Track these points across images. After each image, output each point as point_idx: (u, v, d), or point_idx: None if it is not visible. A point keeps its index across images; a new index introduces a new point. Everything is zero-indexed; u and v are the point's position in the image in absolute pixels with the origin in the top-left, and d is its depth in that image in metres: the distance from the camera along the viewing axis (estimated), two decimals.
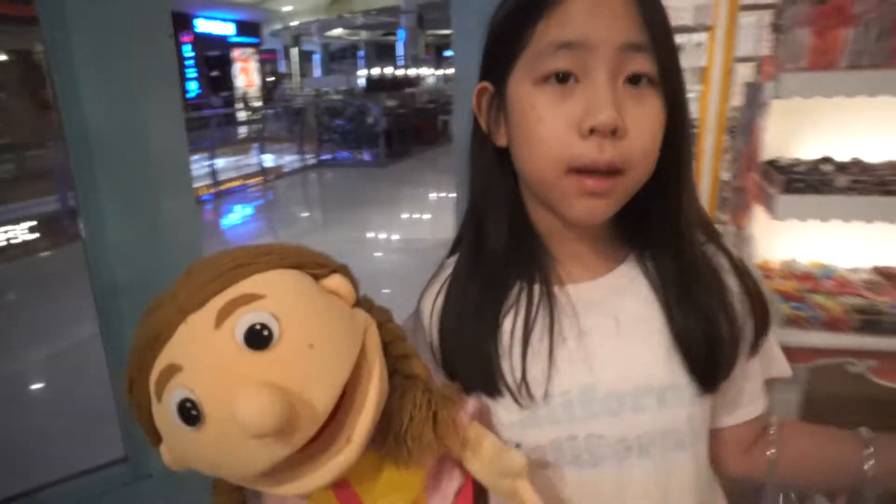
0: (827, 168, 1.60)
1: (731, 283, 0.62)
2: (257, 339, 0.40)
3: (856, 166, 1.60)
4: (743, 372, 0.64)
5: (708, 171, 3.01)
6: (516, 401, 0.59)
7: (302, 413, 0.39)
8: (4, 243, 5.11)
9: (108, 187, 0.93)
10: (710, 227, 0.65)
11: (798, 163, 1.68)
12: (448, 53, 21.09)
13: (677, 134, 0.57)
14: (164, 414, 0.43)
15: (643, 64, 0.53)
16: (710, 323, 0.59)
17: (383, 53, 20.60)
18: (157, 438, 0.48)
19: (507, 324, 0.60)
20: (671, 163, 0.58)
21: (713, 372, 0.60)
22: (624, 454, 0.59)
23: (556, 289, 0.61)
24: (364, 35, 20.94)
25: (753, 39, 2.72)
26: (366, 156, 9.99)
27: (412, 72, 14.50)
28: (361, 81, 15.40)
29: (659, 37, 0.54)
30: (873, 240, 1.69)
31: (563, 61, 0.53)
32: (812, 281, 1.66)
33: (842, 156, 1.67)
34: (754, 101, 1.75)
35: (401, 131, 10.50)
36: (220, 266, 0.45)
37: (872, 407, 1.63)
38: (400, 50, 16.71)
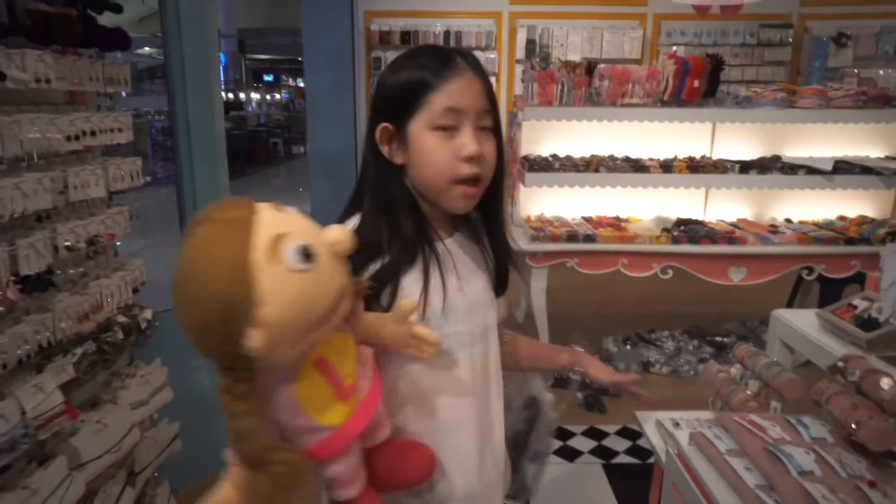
0: (551, 159, 2.92)
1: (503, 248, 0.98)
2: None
3: (566, 158, 2.94)
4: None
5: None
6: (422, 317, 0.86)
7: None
8: None
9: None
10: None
11: (539, 157, 2.97)
12: (267, 77, 21.19)
13: (500, 163, 0.90)
14: (281, 270, 0.57)
15: (489, 120, 0.85)
16: (501, 264, 0.96)
17: None
18: (231, 357, 0.58)
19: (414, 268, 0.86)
20: (497, 179, 0.91)
21: (501, 290, 0.97)
22: (470, 342, 0.90)
23: (436, 242, 0.90)
24: None
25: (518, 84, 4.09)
26: None
27: (242, 95, 14.68)
28: None
29: (494, 105, 0.87)
30: (579, 199, 3.05)
31: (449, 119, 0.82)
32: (550, 223, 2.95)
33: (562, 153, 3.01)
34: (513, 122, 3.02)
35: (235, 152, 10.92)
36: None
37: (578, 283, 3.02)
38: (220, 74, 16.76)
